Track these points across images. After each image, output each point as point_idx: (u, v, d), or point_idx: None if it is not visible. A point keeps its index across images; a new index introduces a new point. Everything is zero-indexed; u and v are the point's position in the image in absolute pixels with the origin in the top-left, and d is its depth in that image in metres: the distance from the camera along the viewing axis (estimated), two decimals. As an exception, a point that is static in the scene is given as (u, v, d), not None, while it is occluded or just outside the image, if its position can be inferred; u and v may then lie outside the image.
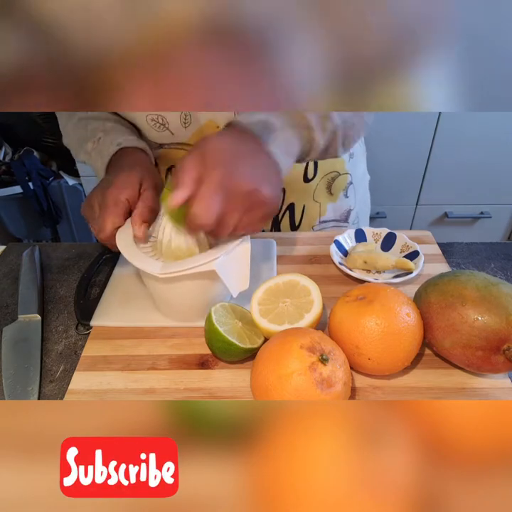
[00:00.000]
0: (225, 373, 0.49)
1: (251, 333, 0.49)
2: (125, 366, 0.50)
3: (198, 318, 0.54)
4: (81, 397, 0.46)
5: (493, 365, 0.44)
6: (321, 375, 0.40)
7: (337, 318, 0.47)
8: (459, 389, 0.47)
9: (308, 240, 0.69)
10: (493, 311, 0.43)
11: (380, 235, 0.66)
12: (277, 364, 0.41)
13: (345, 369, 0.42)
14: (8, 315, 0.58)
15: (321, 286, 0.61)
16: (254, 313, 0.50)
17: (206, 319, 0.48)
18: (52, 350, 0.53)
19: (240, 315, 0.50)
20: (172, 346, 0.52)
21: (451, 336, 0.45)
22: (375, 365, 0.45)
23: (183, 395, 0.47)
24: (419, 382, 0.48)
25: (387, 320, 0.44)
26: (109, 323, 0.55)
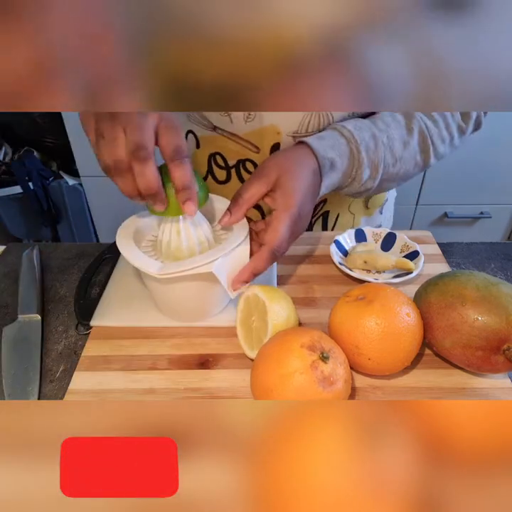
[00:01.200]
0: (225, 373, 0.49)
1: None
2: (125, 366, 0.50)
3: (198, 318, 0.54)
4: (81, 397, 0.46)
5: (493, 365, 0.44)
6: (322, 373, 0.40)
7: (337, 318, 0.47)
8: (459, 389, 0.47)
9: (308, 240, 0.69)
10: (493, 311, 0.43)
11: (380, 235, 0.66)
12: (278, 364, 0.41)
13: (345, 367, 0.42)
14: (8, 315, 0.58)
15: (321, 286, 0.61)
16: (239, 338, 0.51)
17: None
18: (52, 350, 0.53)
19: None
20: (172, 346, 0.52)
21: (451, 335, 0.45)
22: (375, 365, 0.45)
23: (183, 395, 0.47)
24: (419, 382, 0.48)
25: (387, 320, 0.44)
26: (109, 323, 0.55)
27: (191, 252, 0.48)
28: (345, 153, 0.55)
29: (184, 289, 0.50)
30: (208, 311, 0.54)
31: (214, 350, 0.51)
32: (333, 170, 0.55)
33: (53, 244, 0.80)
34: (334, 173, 0.55)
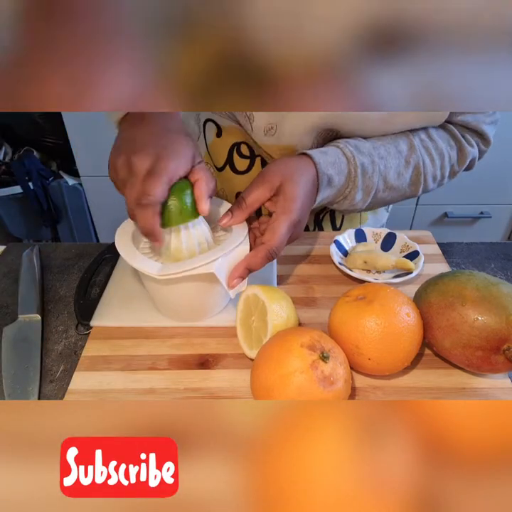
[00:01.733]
0: (225, 373, 0.49)
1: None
2: (125, 366, 0.50)
3: (197, 319, 0.54)
4: (81, 397, 0.46)
5: (493, 365, 0.44)
6: (322, 372, 0.40)
7: (337, 318, 0.47)
8: (459, 389, 0.47)
9: (308, 240, 0.69)
10: (493, 311, 0.43)
11: (380, 235, 0.66)
12: (278, 363, 0.41)
13: (345, 367, 0.42)
14: (8, 315, 0.58)
15: (321, 286, 0.61)
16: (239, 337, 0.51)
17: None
18: (52, 350, 0.53)
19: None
20: (172, 346, 0.52)
21: (451, 335, 0.45)
22: (375, 365, 0.45)
23: (183, 395, 0.47)
24: (419, 382, 0.48)
25: (387, 320, 0.44)
26: (109, 323, 0.55)
27: (191, 253, 0.48)
28: (344, 173, 0.57)
29: (183, 290, 0.50)
30: (207, 312, 0.54)
31: (214, 350, 0.51)
32: (329, 186, 0.56)
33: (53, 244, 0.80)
34: (330, 189, 0.56)
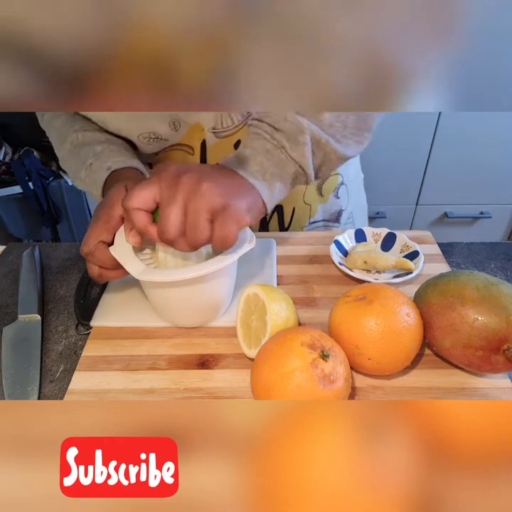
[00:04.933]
0: (225, 373, 0.49)
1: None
2: (125, 366, 0.50)
3: (194, 322, 0.54)
4: (81, 397, 0.46)
5: (493, 365, 0.44)
6: (322, 371, 0.40)
7: (337, 318, 0.47)
8: (459, 389, 0.47)
9: (308, 240, 0.69)
10: (493, 311, 0.43)
11: (380, 235, 0.66)
12: (278, 362, 0.41)
13: (345, 366, 0.42)
14: (8, 315, 0.58)
15: (321, 286, 0.61)
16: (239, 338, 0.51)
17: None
18: (52, 350, 0.53)
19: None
20: (172, 346, 0.52)
21: (451, 335, 0.45)
22: (375, 365, 0.45)
23: (183, 395, 0.47)
24: (419, 382, 0.48)
25: (387, 320, 0.44)
26: (109, 323, 0.55)
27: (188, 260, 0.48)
28: (288, 181, 0.53)
29: (176, 295, 0.49)
30: (204, 319, 0.54)
31: (214, 350, 0.51)
32: (242, 160, 0.51)
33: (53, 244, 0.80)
34: (250, 161, 0.51)
